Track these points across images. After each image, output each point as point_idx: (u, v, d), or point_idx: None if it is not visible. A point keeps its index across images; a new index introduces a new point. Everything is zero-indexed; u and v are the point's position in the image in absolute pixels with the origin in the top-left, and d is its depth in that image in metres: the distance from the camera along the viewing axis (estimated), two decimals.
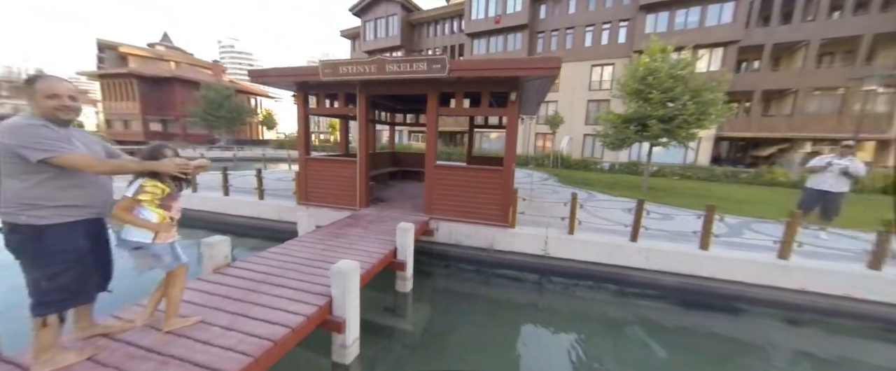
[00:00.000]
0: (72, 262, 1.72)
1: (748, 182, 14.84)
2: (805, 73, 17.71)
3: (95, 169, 1.70)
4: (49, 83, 1.67)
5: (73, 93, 1.72)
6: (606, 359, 3.42)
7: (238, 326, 2.20)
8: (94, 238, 1.84)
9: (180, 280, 2.10)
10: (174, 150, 2.01)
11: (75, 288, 1.76)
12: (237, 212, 6.80)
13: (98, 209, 1.84)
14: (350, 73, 4.89)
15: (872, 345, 3.87)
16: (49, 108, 1.67)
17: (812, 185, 5.64)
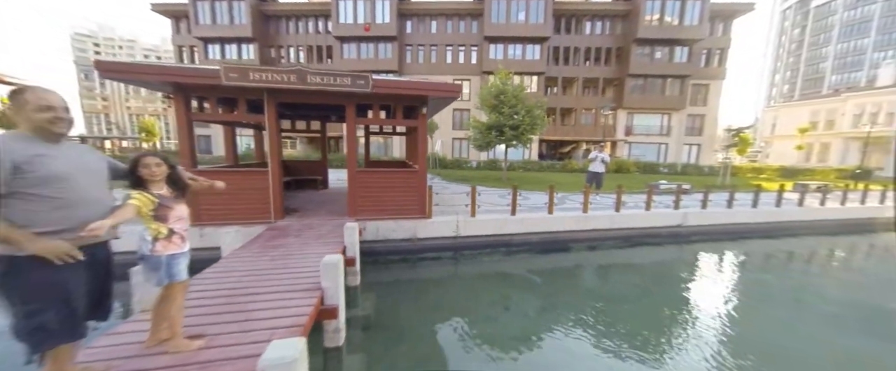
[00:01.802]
0: (53, 300, 1.55)
1: (559, 170, 21.61)
2: (578, 98, 27.21)
3: None
4: (40, 94, 1.51)
5: (65, 105, 1.59)
6: (507, 295, 5.05)
7: (247, 332, 2.32)
8: (95, 268, 1.68)
9: (176, 298, 2.04)
10: (163, 157, 1.93)
11: (59, 326, 1.59)
12: None
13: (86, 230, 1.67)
14: (265, 81, 4.69)
15: (628, 251, 7.22)
16: (41, 122, 1.51)
17: (590, 169, 9.52)
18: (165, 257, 1.90)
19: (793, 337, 3.97)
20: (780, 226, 8.99)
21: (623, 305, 4.84)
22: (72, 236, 1.57)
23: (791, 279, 6.29)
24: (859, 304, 5.08)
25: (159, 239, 1.87)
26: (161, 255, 1.88)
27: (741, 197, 9.71)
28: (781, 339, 3.91)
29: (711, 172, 21.91)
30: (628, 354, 3.47)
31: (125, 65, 4.47)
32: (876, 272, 6.90)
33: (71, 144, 1.68)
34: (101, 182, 1.76)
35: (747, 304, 4.96)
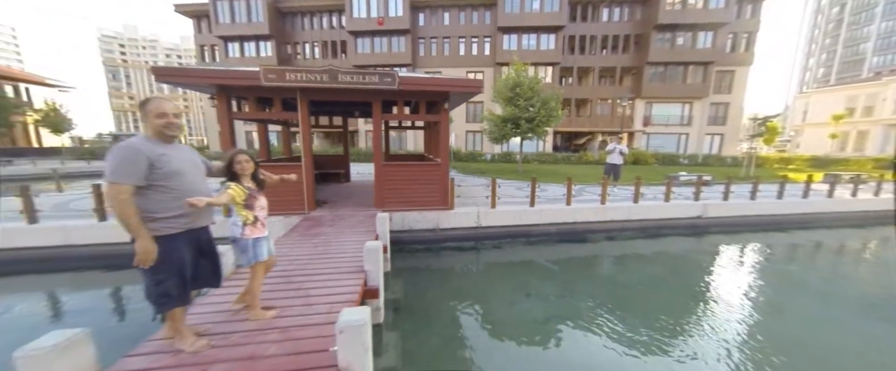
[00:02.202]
0: (174, 273, 1.92)
1: (575, 163, 21.41)
2: (594, 88, 26.62)
3: (115, 204, 1.71)
4: (158, 104, 1.85)
5: (178, 111, 1.92)
6: (527, 282, 5.29)
7: (310, 306, 2.66)
8: (200, 245, 2.04)
9: (257, 275, 2.40)
10: (250, 156, 2.28)
11: (176, 292, 1.97)
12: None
13: (200, 219, 2.03)
14: (299, 81, 5.03)
15: (647, 242, 7.30)
16: (159, 126, 1.85)
17: (608, 160, 9.52)
18: (252, 240, 2.25)
19: (816, 327, 4.06)
20: (808, 217, 8.79)
21: (641, 292, 5.01)
22: (185, 221, 1.92)
23: (817, 271, 6.25)
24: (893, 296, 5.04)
25: (247, 224, 2.22)
26: (248, 239, 2.23)
27: (766, 188, 9.51)
28: (803, 329, 4.01)
29: (735, 163, 21.20)
30: (646, 338, 3.67)
31: (178, 70, 4.88)
32: None
33: (181, 145, 2.03)
34: (203, 177, 2.10)
35: (767, 293, 5.02)
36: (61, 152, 25.48)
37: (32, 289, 4.71)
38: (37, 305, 4.33)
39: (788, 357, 3.37)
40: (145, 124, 1.86)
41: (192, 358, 1.99)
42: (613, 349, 3.47)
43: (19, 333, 3.67)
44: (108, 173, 1.70)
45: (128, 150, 1.74)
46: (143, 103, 1.85)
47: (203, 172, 2.12)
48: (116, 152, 1.71)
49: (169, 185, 1.84)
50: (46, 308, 4.30)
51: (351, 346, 1.84)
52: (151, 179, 1.79)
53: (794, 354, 3.42)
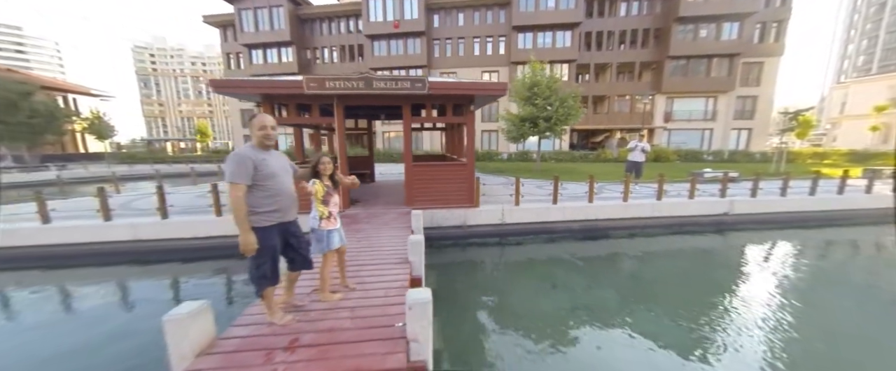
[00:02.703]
0: (269, 258, 2.32)
1: (592, 160, 21.20)
2: (612, 84, 26.18)
3: (231, 202, 2.15)
4: (260, 118, 2.24)
5: (274, 124, 2.31)
6: (552, 275, 5.51)
7: (368, 291, 3.03)
8: (288, 236, 2.43)
9: (328, 262, 2.78)
10: (331, 160, 2.67)
11: (270, 274, 2.36)
12: (189, 234, 6.06)
13: (289, 213, 2.41)
14: (337, 89, 5.44)
15: (670, 238, 7.35)
16: (260, 137, 2.24)
17: (629, 158, 9.54)
18: (325, 232, 2.63)
19: (846, 323, 4.10)
20: (843, 214, 8.52)
21: (665, 286, 5.14)
22: (278, 215, 2.31)
23: (851, 267, 6.14)
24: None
25: (323, 218, 2.60)
26: (323, 230, 2.62)
27: (797, 184, 9.26)
28: (833, 324, 4.06)
29: (764, 159, 20.39)
30: (671, 329, 3.85)
31: (231, 82, 5.41)
32: None
33: (276, 152, 2.42)
34: (291, 178, 2.49)
35: (796, 289, 5.04)
36: (105, 157, 27.49)
37: (114, 278, 5.35)
38: (122, 293, 4.94)
39: (819, 353, 3.46)
40: (251, 134, 2.26)
41: (284, 329, 2.38)
42: (639, 339, 3.66)
43: (126, 312, 4.26)
44: (228, 175, 2.11)
45: (239, 157, 2.14)
46: (250, 118, 2.25)
47: (291, 175, 2.50)
48: (232, 159, 2.12)
49: (266, 185, 2.23)
50: (139, 294, 4.89)
51: (418, 320, 2.17)
52: (255, 180, 2.18)
53: (824, 350, 3.51)
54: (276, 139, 2.42)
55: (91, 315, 4.21)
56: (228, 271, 5.50)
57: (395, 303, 2.75)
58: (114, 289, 5.02)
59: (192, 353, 2.04)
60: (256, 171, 2.18)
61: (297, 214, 2.50)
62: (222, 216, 6.18)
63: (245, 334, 2.31)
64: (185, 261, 5.86)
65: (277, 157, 2.40)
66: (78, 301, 4.71)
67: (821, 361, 3.28)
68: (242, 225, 2.15)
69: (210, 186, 6.22)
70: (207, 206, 6.49)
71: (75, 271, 5.47)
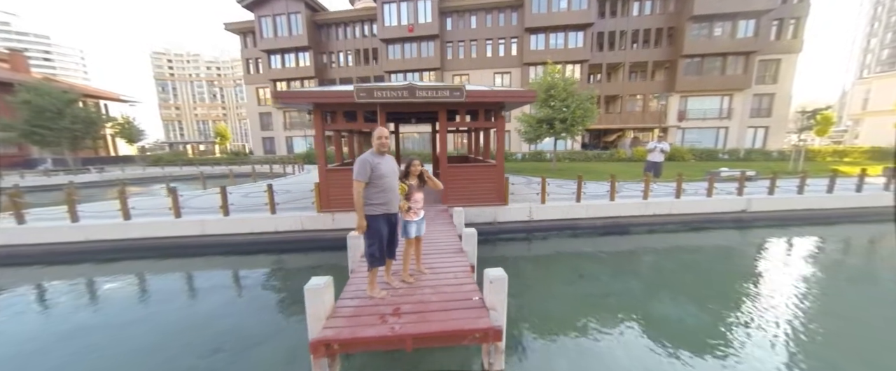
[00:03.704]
0: (378, 239, 2.91)
1: (606, 160, 21.43)
2: (624, 83, 26.29)
3: (354, 194, 2.81)
4: (378, 131, 2.86)
5: (387, 135, 2.90)
6: (579, 266, 5.98)
7: (439, 274, 3.58)
8: (390, 225, 3.01)
9: (406, 248, 3.34)
10: (419, 163, 3.20)
11: (378, 255, 2.95)
12: (247, 229, 6.74)
13: (392, 206, 2.99)
14: (384, 97, 6.03)
15: (689, 235, 7.72)
16: (376, 145, 2.84)
17: (648, 158, 9.90)
18: (404, 222, 3.20)
19: (863, 313, 4.48)
20: (861, 212, 8.74)
21: (685, 277, 5.57)
22: (384, 207, 2.90)
23: (867, 262, 6.44)
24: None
25: (403, 211, 3.16)
26: (406, 220, 3.18)
27: (815, 183, 9.49)
28: (848, 312, 4.45)
29: (781, 157, 20.32)
30: (694, 314, 4.30)
31: (291, 93, 6.06)
32: None
33: (389, 157, 3.00)
34: (397, 178, 3.06)
35: (810, 280, 5.40)
36: (135, 160, 28.90)
37: (187, 268, 6.05)
38: (210, 280, 5.64)
39: (836, 343, 3.88)
40: (372, 142, 2.90)
41: (383, 301, 2.96)
42: (663, 324, 4.12)
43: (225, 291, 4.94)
44: (354, 174, 2.78)
45: (362, 161, 2.76)
46: (372, 131, 2.86)
47: (397, 175, 3.08)
48: (357, 162, 2.77)
49: (378, 183, 2.84)
50: (219, 282, 5.57)
51: (496, 292, 2.71)
52: (371, 178, 2.77)
53: (837, 337, 3.93)
54: (389, 146, 3.01)
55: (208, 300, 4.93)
56: (283, 262, 6.16)
57: (465, 283, 3.30)
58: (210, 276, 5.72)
59: (324, 316, 2.62)
60: (373, 172, 2.78)
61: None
62: (276, 213, 6.85)
63: (356, 304, 2.90)
64: (244, 253, 6.55)
65: (389, 161, 2.99)
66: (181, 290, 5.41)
67: (834, 349, 3.70)
68: (359, 211, 2.82)
69: (266, 186, 6.89)
70: (262, 205, 7.17)
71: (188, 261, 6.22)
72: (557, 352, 3.45)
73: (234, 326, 4.04)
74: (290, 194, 9.11)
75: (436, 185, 3.31)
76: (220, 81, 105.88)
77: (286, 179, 13.87)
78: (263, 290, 5.20)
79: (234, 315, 4.35)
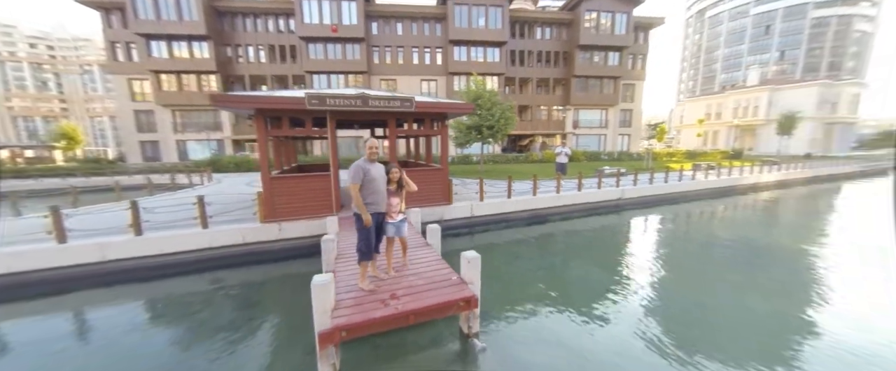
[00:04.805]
0: (368, 235, 3.34)
1: (523, 161, 24.71)
2: (533, 96, 30.72)
3: (352, 195, 3.27)
4: (369, 142, 3.26)
5: (376, 145, 3.31)
6: (514, 251, 7.29)
7: (418, 264, 4.12)
8: (377, 224, 3.42)
9: (388, 245, 3.80)
10: (398, 169, 3.63)
11: (365, 249, 3.37)
12: (172, 248, 5.86)
13: (380, 206, 3.41)
14: (337, 105, 6.16)
15: (589, 218, 9.93)
16: (367, 153, 3.25)
17: (557, 160, 12.24)
18: (388, 222, 3.65)
19: (701, 267, 6.83)
20: (684, 194, 12.68)
21: (590, 249, 7.40)
22: (374, 207, 3.32)
23: (698, 226, 9.57)
24: (742, 241, 8.18)
25: None
26: (388, 221, 3.64)
27: (658, 176, 13.29)
28: (690, 265, 6.73)
29: (639, 158, 26.94)
30: (599, 274, 5.92)
31: (230, 96, 5.60)
32: (747, 220, 10.60)
33: (377, 163, 3.39)
34: (384, 182, 3.46)
35: (668, 240, 7.87)
36: None
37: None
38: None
39: (682, 277, 5.92)
40: (363, 151, 3.27)
41: (379, 290, 3.38)
42: (580, 282, 5.60)
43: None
44: (350, 179, 3.17)
45: (356, 167, 3.17)
46: (365, 140, 3.24)
47: (385, 180, 3.49)
48: (352, 167, 3.17)
49: (369, 185, 3.26)
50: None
51: (472, 269, 3.46)
52: (364, 181, 3.19)
53: (683, 272, 6.00)
54: (379, 153, 3.42)
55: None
56: (223, 281, 5.66)
57: (441, 267, 3.95)
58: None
59: (329, 308, 2.92)
60: (365, 176, 3.19)
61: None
62: (209, 228, 6.17)
63: (354, 295, 3.24)
64: (164, 277, 5.70)
65: (378, 166, 3.41)
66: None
67: (680, 281, 5.68)
68: (361, 208, 3.25)
69: (196, 199, 6.13)
70: (185, 220, 6.32)
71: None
72: (511, 311, 4.42)
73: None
74: (215, 206, 8.09)
75: (411, 188, 3.83)
76: (57, 65, 79.27)
77: (197, 191, 11.86)
78: (198, 317, 4.54)
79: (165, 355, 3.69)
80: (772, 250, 7.36)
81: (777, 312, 4.51)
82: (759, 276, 5.84)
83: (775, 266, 6.34)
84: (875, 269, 6.33)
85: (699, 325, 4.24)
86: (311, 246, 6.61)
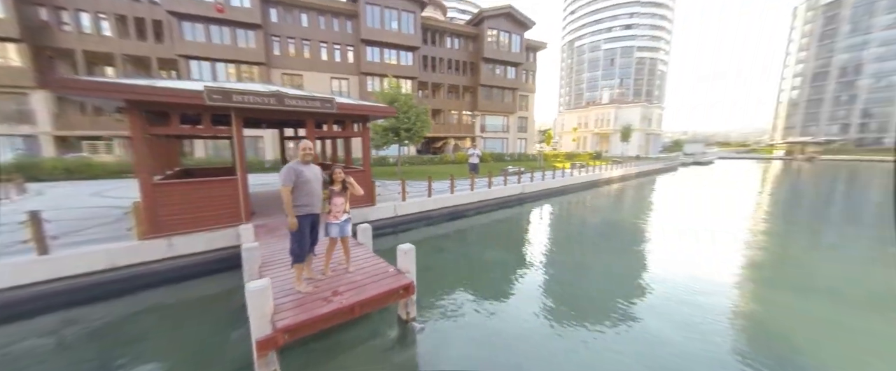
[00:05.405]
0: (301, 238, 3.38)
1: (438, 163, 26.06)
2: (445, 100, 32.62)
3: (283, 197, 3.28)
4: (303, 143, 3.26)
5: (311, 147, 3.31)
6: (439, 245, 8.00)
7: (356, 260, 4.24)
8: (312, 225, 3.42)
9: (328, 247, 3.84)
10: (341, 170, 3.67)
11: (299, 251, 3.40)
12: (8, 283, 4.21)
13: (314, 207, 3.42)
14: (245, 102, 5.57)
15: (499, 211, 11.43)
16: (301, 156, 3.25)
17: (470, 161, 13.61)
18: (326, 223, 3.72)
19: (580, 244, 8.76)
20: (566, 188, 15.87)
21: (501, 237, 8.69)
22: (307, 209, 3.35)
23: (579, 212, 12.13)
24: (611, 223, 10.80)
25: (324, 212, 3.68)
26: (326, 222, 3.70)
27: (549, 174, 16.26)
28: (572, 241, 8.60)
29: (533, 159, 31.85)
30: (511, 255, 7.10)
31: (90, 83, 4.40)
32: (606, 205, 13.94)
33: (313, 165, 3.36)
34: (320, 184, 3.46)
35: (559, 224, 9.83)
36: None
37: None
38: None
39: (574, 251, 7.57)
40: (298, 154, 3.22)
41: (319, 289, 3.41)
42: (496, 265, 6.64)
43: None
44: (280, 180, 3.12)
45: (288, 168, 3.15)
46: (299, 143, 3.19)
47: (321, 182, 3.48)
48: (283, 169, 3.13)
49: (303, 188, 3.28)
50: None
51: (408, 260, 3.85)
52: (296, 183, 3.20)
53: (575, 246, 7.68)
54: (314, 155, 3.41)
55: None
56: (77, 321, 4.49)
57: (377, 262, 4.20)
58: None
59: (269, 313, 2.87)
60: (297, 178, 3.20)
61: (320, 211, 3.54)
62: (50, 253, 4.72)
63: (293, 298, 3.21)
64: None
65: (313, 168, 3.40)
66: None
67: (574, 252, 7.29)
68: (289, 210, 3.24)
69: (27, 216, 4.57)
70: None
71: None
72: (441, 296, 4.99)
73: None
74: (60, 224, 6.08)
75: (356, 190, 3.94)
76: None
77: (16, 205, 8.34)
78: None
79: None
80: (623, 224, 10.14)
81: (629, 268, 6.41)
82: (614, 243, 8.06)
83: (624, 235, 8.82)
84: (689, 234, 9.49)
85: (580, 284, 5.69)
86: (215, 261, 5.80)
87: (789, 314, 4.71)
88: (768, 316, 4.68)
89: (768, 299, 5.25)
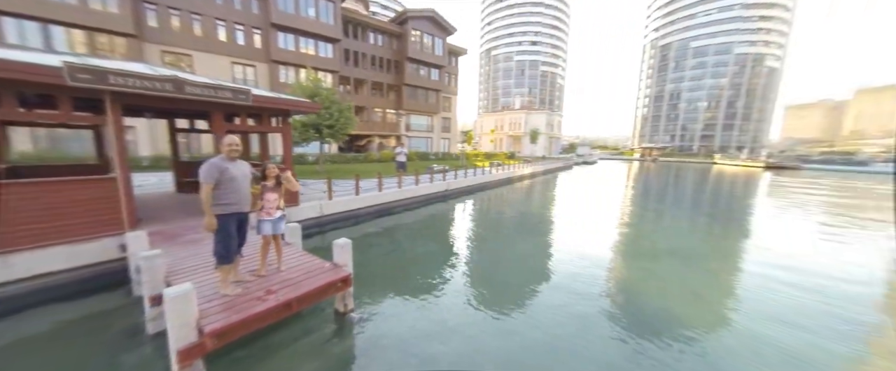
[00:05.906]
0: (227, 238, 3.25)
1: (362, 161, 25.29)
2: (368, 97, 31.77)
3: (202, 195, 3.08)
4: (228, 138, 3.09)
5: (237, 142, 3.13)
6: (368, 242, 8.14)
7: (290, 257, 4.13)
8: (239, 224, 3.26)
9: (263, 246, 3.70)
10: (276, 167, 3.52)
11: (225, 253, 3.27)
12: None
13: (242, 206, 3.26)
14: (129, 86, 4.68)
15: (426, 208, 11.98)
16: (227, 151, 3.09)
17: (397, 160, 13.84)
18: (258, 221, 3.59)
19: (497, 234, 9.92)
20: (486, 184, 17.56)
21: (429, 230, 9.28)
22: (234, 207, 3.21)
23: (497, 206, 13.60)
24: (523, 214, 12.36)
25: (255, 210, 3.54)
26: (256, 219, 3.56)
27: (470, 172, 17.70)
28: (491, 233, 9.72)
29: (456, 158, 33.78)
30: (439, 247, 7.72)
31: None
32: (519, 199, 15.93)
33: (240, 162, 3.14)
34: (249, 182, 3.26)
35: (480, 217, 10.92)
36: None
37: None
38: None
39: (489, 239, 8.58)
40: (221, 149, 3.00)
41: (251, 289, 3.29)
42: (424, 257, 7.16)
43: None
44: (201, 177, 2.91)
45: (210, 164, 2.97)
46: (222, 138, 2.97)
47: (249, 180, 3.28)
48: (205, 165, 2.93)
49: (229, 185, 3.12)
50: None
51: (344, 253, 4.02)
52: (220, 180, 3.04)
53: (491, 237, 8.72)
54: (241, 150, 3.20)
55: None
56: None
57: (311, 259, 4.21)
58: None
59: (193, 320, 2.71)
60: (222, 175, 3.04)
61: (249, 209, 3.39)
62: None
63: (220, 301, 3.04)
64: None
65: (239, 165, 3.22)
66: None
67: (497, 240, 8.28)
68: (207, 211, 3.06)
69: None
70: None
71: None
72: (375, 289, 5.24)
73: None
74: None
75: (293, 186, 3.84)
76: None
77: None
78: None
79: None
80: (532, 216, 11.93)
81: (537, 253, 7.73)
82: (524, 232, 9.52)
83: (533, 225, 10.46)
84: (579, 222, 11.67)
85: (497, 271, 6.65)
86: (82, 281, 4.75)
87: (644, 273, 6.59)
88: (631, 275, 6.46)
89: (631, 265, 7.17)
